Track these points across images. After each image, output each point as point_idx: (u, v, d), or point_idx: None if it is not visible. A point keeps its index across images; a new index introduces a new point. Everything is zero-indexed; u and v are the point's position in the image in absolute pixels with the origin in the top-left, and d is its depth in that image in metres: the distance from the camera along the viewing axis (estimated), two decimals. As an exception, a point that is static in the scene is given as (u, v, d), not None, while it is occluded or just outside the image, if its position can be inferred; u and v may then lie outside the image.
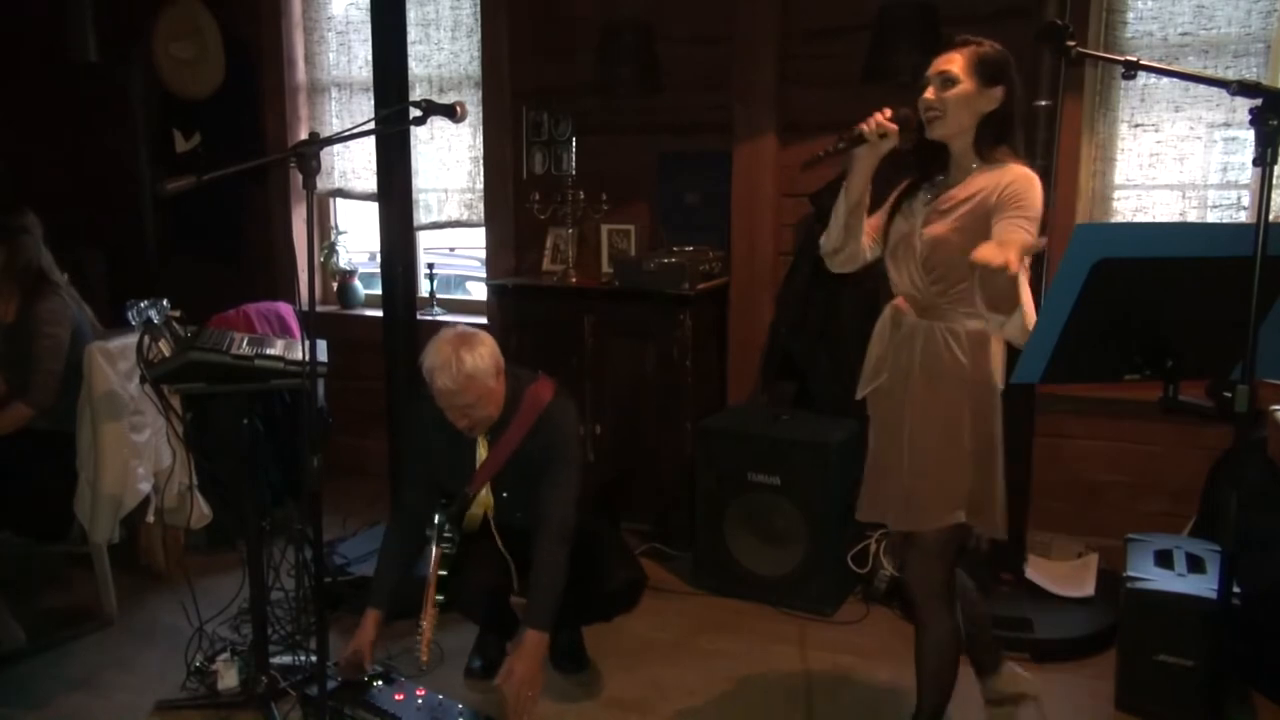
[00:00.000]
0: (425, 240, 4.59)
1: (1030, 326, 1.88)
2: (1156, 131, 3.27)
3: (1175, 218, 3.28)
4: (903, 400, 2.15)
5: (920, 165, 2.15)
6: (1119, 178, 3.34)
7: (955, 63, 2.04)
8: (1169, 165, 3.27)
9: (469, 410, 2.49)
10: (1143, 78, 3.21)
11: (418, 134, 4.17)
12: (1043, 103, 2.95)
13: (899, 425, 2.16)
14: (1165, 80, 3.19)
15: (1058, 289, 1.64)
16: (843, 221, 2.15)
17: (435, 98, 4.09)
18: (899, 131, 2.07)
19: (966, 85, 2.03)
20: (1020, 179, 2.00)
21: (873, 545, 3.31)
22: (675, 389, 3.60)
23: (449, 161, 4.36)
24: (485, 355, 2.48)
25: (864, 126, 2.04)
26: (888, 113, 2.05)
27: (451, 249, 4.96)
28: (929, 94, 2.06)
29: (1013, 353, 3.12)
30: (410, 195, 3.54)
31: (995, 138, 2.06)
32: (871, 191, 2.17)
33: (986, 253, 1.78)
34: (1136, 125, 3.29)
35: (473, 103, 4.19)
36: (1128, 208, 3.35)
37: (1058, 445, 3.46)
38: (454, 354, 2.45)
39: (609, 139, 3.98)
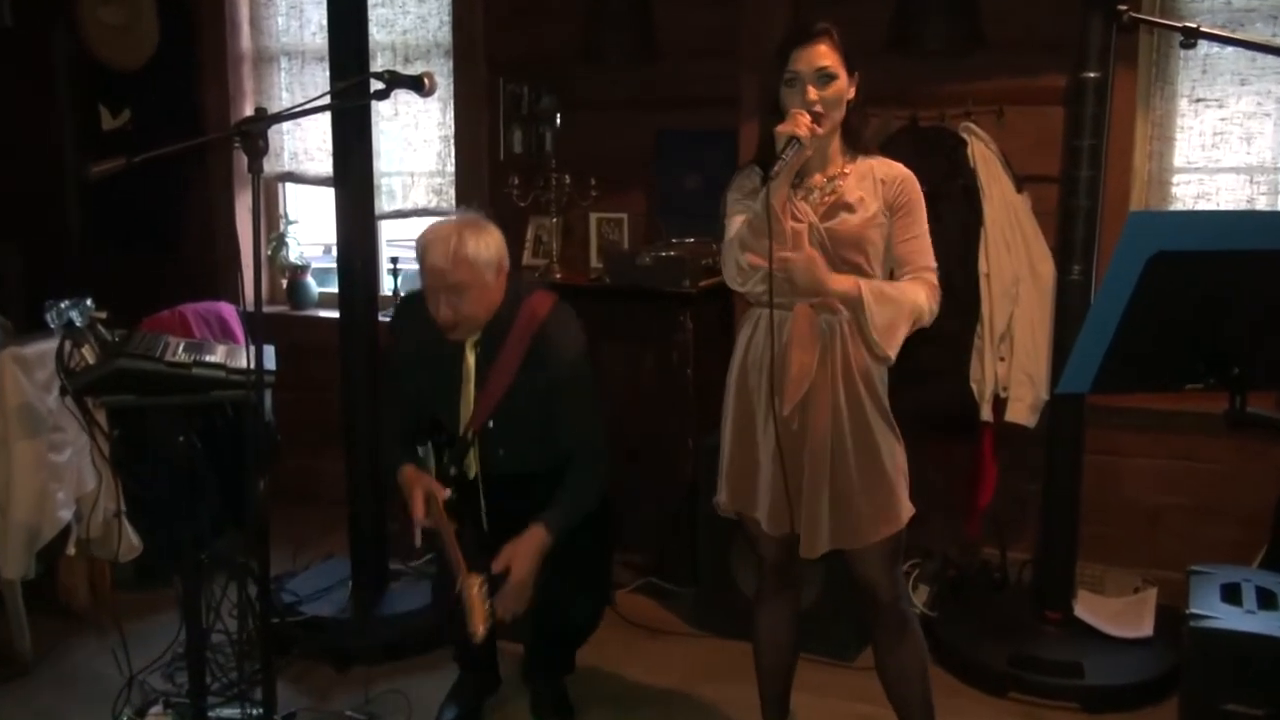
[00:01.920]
0: (388, 231, 4.58)
1: (877, 326, 2.16)
2: (1220, 107, 3.29)
3: (1242, 205, 3.30)
4: (823, 407, 2.24)
5: (765, 159, 2.24)
6: (1178, 159, 3.36)
7: (829, 56, 2.19)
8: (1234, 145, 3.29)
9: (455, 300, 2.49)
10: (1204, 46, 3.23)
11: (380, 110, 4.17)
12: (1091, 75, 2.97)
13: (820, 435, 2.25)
14: (1230, 50, 3.21)
15: (1109, 285, 1.65)
16: (763, 239, 2.21)
17: (400, 68, 4.09)
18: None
19: (842, 79, 2.21)
20: (911, 183, 2.26)
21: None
22: (675, 400, 3.60)
23: (415, 141, 4.36)
24: (491, 245, 2.50)
25: (799, 131, 2.14)
26: (808, 116, 2.16)
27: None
28: (810, 93, 2.18)
29: (1059, 360, 3.13)
30: (371, 180, 3.55)
31: (861, 126, 2.30)
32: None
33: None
34: (1198, 100, 3.31)
35: (443, 74, 4.19)
36: (1188, 194, 3.37)
37: (1110, 464, 3.47)
38: (456, 232, 2.48)
39: (599, 115, 3.99)
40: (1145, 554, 3.46)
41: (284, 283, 4.67)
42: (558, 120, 4.00)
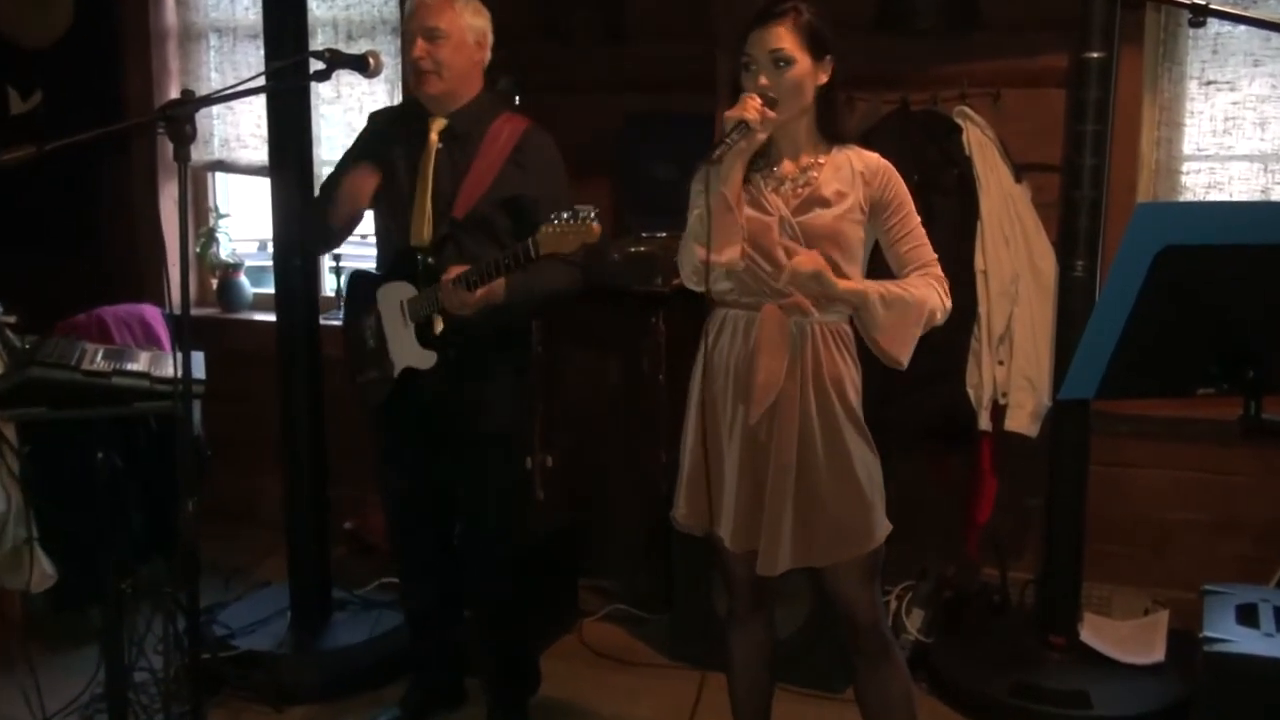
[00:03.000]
0: (330, 225, 4.58)
1: (884, 330, 2.21)
2: (1232, 90, 3.34)
3: (1257, 195, 3.35)
4: (792, 416, 2.27)
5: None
6: (1188, 146, 3.40)
7: (786, 39, 2.22)
8: (1248, 131, 3.34)
9: (433, 46, 2.63)
10: (1214, 25, 3.27)
11: (320, 92, 4.15)
12: (1094, 55, 3.00)
13: (787, 446, 2.27)
14: (1241, 28, 3.26)
15: (1115, 283, 1.67)
16: (718, 233, 2.24)
17: (342, 46, 4.07)
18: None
19: (802, 64, 2.23)
20: (893, 175, 2.29)
21: (893, 603, 3.33)
22: (646, 410, 3.60)
23: (360, 126, 4.32)
24: (480, 15, 2.71)
25: (748, 115, 2.17)
26: (759, 100, 2.19)
27: (364, 236, 4.93)
28: (762, 79, 2.22)
29: (1061, 364, 3.16)
30: (311, 169, 3.52)
31: (838, 113, 2.33)
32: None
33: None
34: (1208, 83, 3.36)
35: (389, 53, 4.17)
36: (1199, 183, 3.42)
37: (1117, 476, 3.51)
38: None
39: (561, 98, 3.99)
40: (1156, 573, 3.50)
41: (214, 283, 4.63)
42: (516, 103, 3.99)
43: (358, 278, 2.93)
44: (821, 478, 2.28)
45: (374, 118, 2.94)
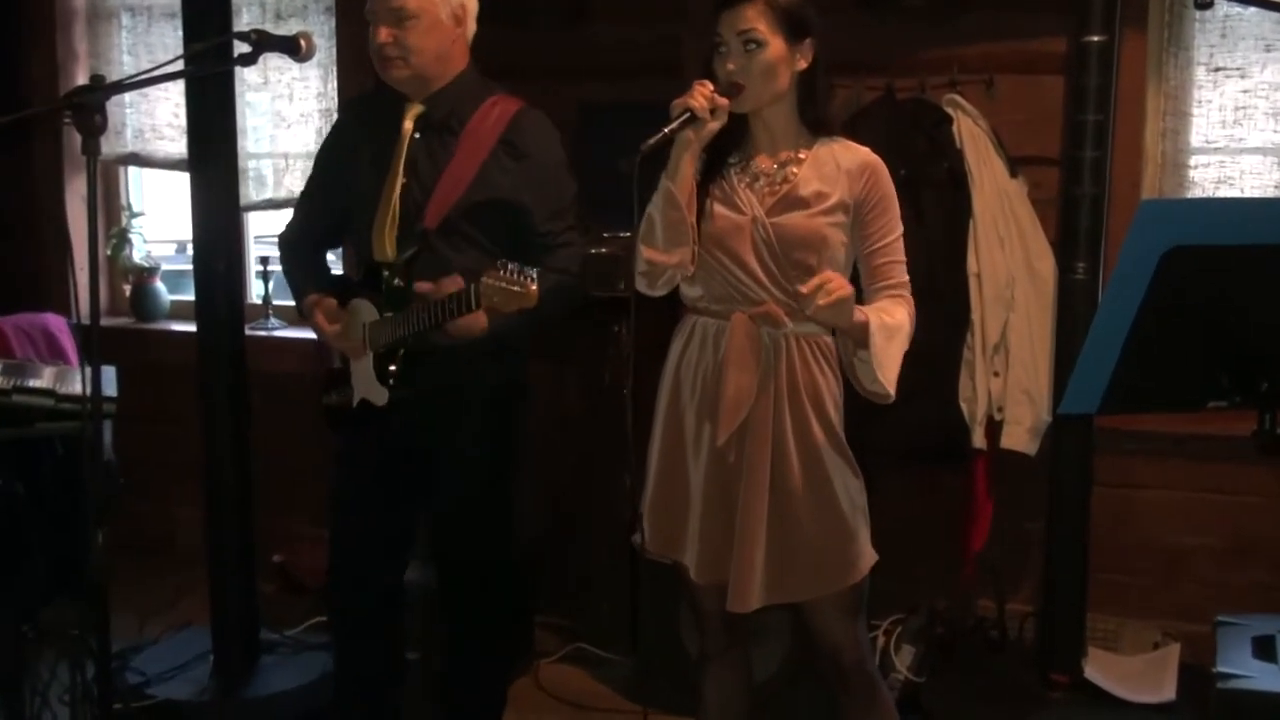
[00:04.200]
0: (256, 225, 4.55)
1: (883, 366, 2.19)
2: (1243, 78, 3.39)
3: (1270, 191, 3.40)
4: (764, 436, 2.27)
5: (714, 139, 2.29)
6: (1195, 138, 3.45)
7: (757, 19, 2.23)
8: (1260, 122, 3.39)
9: (401, 30, 2.51)
10: (1223, 6, 3.32)
11: (245, 78, 4.13)
12: (1094, 38, 3.04)
13: (759, 468, 2.28)
14: (1252, 10, 3.31)
15: (1118, 287, 1.69)
16: (665, 232, 2.26)
17: (270, 27, 4.04)
18: (728, 106, 2.23)
19: (775, 45, 2.23)
20: (881, 174, 2.29)
21: (881, 639, 3.35)
22: (609, 428, 3.60)
23: (290, 116, 4.32)
24: None
25: (692, 102, 2.18)
26: (710, 85, 2.21)
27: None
28: (730, 62, 2.24)
29: (1062, 375, 3.19)
30: (235, 163, 3.51)
31: (821, 101, 2.33)
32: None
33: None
34: (1217, 69, 3.41)
35: (322, 34, 4.17)
36: (1208, 178, 3.47)
37: (1123, 498, 3.54)
38: None
39: (512, 85, 3.97)
40: (1166, 604, 3.53)
41: (127, 289, 4.61)
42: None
43: (338, 284, 2.82)
44: (798, 504, 2.28)
45: (347, 108, 2.88)
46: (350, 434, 2.73)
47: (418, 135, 2.61)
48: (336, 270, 3.11)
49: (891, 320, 2.24)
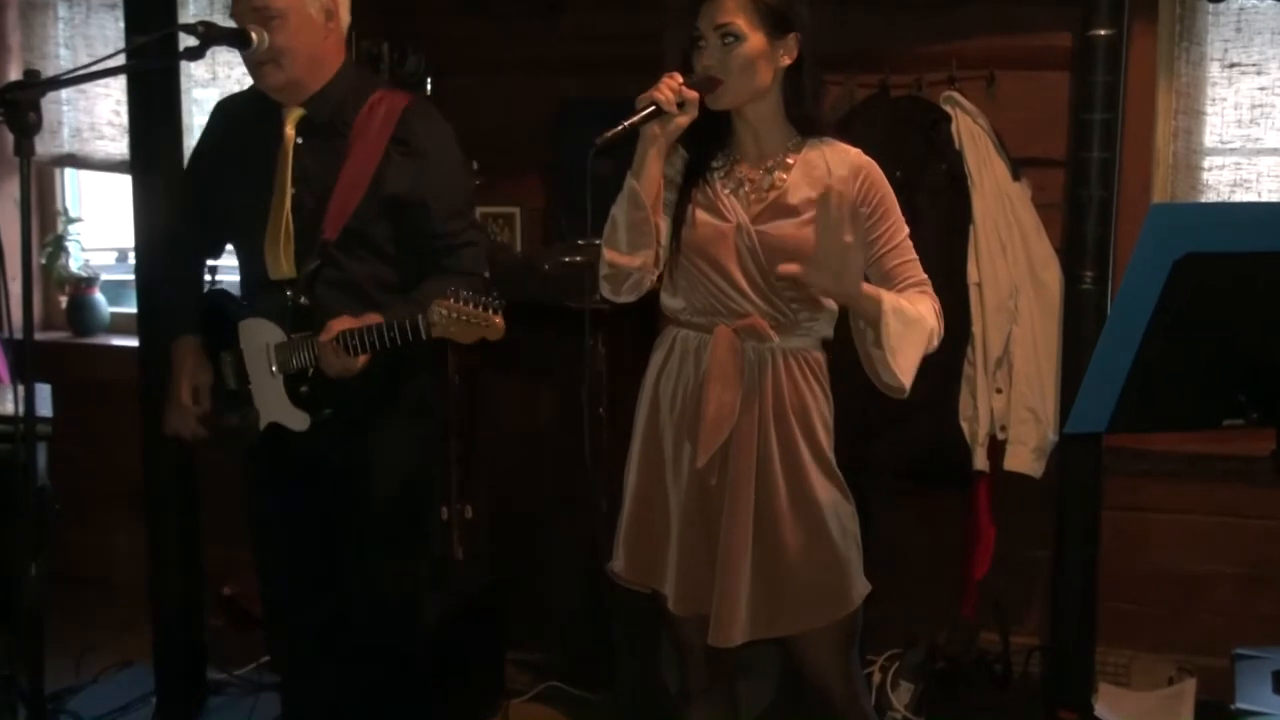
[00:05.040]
0: (204, 232, 4.54)
1: (895, 351, 2.19)
2: (1259, 74, 3.42)
3: (1289, 195, 3.44)
4: (748, 457, 2.28)
5: (696, 140, 2.33)
6: (1209, 139, 3.48)
7: (734, 12, 2.24)
8: (1278, 121, 3.42)
9: (262, 31, 2.45)
10: (1238, -1, 3.37)
11: (192, 73, 4.13)
12: (1102, 32, 3.06)
13: (742, 492, 2.28)
14: (1268, 3, 3.34)
15: (1127, 297, 1.70)
16: (628, 233, 2.27)
17: (219, 19, 4.04)
18: (699, 100, 2.24)
19: (755, 40, 2.24)
20: (876, 176, 2.30)
21: (877, 675, 3.35)
22: (584, 449, 3.59)
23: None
24: None
25: (657, 95, 2.19)
26: (678, 78, 2.22)
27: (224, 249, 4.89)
28: (707, 57, 2.25)
29: (1068, 392, 3.20)
30: (180, 165, 3.48)
31: (810, 99, 2.34)
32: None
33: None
34: (1231, 65, 3.44)
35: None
36: (1223, 180, 3.50)
37: (1135, 523, 3.56)
38: None
39: (483, 81, 3.99)
40: (1181, 635, 3.55)
41: (63, 301, 4.58)
42: (428, 87, 3.99)
43: (217, 300, 2.80)
44: (785, 530, 2.29)
45: (222, 108, 2.78)
46: (263, 460, 2.69)
47: (300, 141, 2.58)
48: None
49: (910, 308, 2.24)
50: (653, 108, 2.19)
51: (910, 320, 2.23)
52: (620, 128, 2.17)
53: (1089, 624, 3.28)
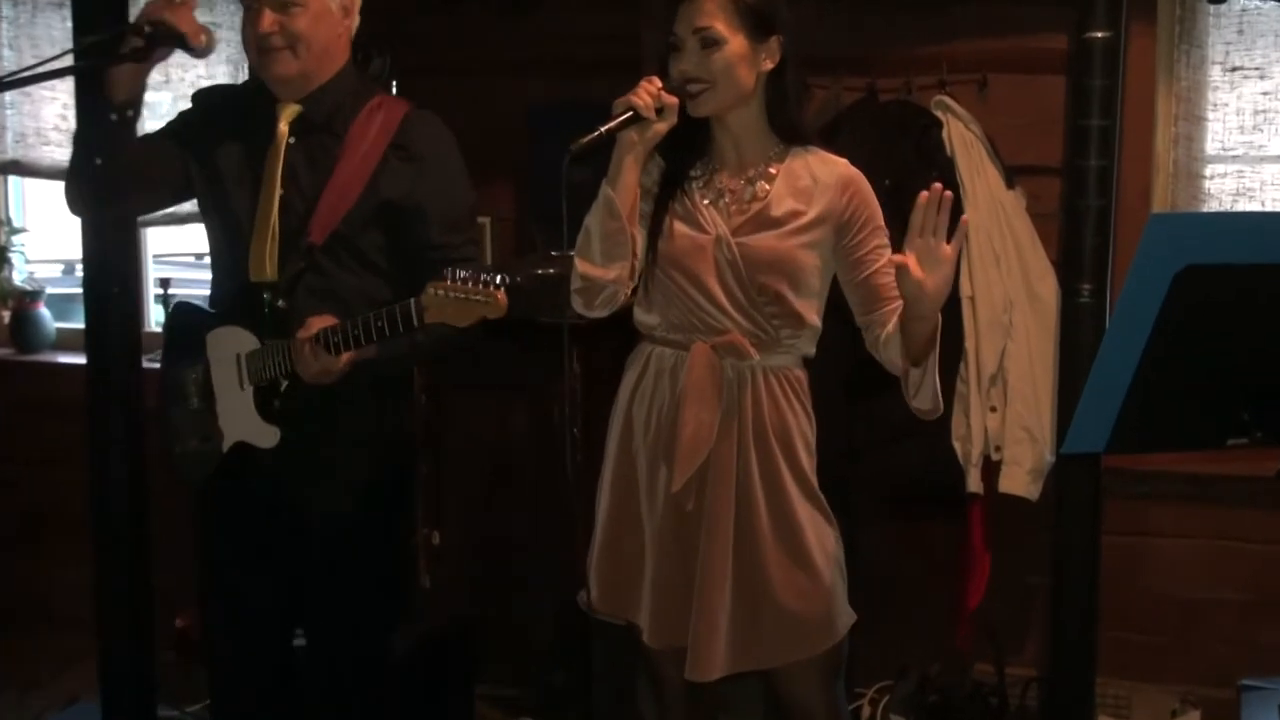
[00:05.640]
0: (155, 243, 4.52)
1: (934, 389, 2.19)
2: (1262, 78, 3.45)
3: (1294, 205, 3.46)
4: (726, 481, 2.28)
5: (674, 148, 2.34)
6: (1211, 145, 3.50)
7: (713, 15, 2.25)
8: (1283, 127, 3.46)
9: (286, 16, 2.46)
10: (1240, 0, 3.38)
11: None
12: (1098, 34, 3.08)
13: (721, 517, 2.28)
14: (1271, 4, 3.37)
15: (1126, 310, 1.70)
16: (602, 243, 2.29)
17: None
18: (679, 106, 2.24)
19: (735, 44, 2.25)
20: (864, 189, 2.32)
21: (866, 708, 3.35)
22: (558, 471, 3.58)
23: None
24: None
25: (635, 99, 2.20)
26: (657, 82, 2.22)
27: (199, 256, 4.87)
28: (684, 62, 2.26)
29: (1066, 410, 3.22)
30: (131, 172, 3.48)
31: (794, 105, 2.36)
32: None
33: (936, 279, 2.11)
34: (1234, 69, 3.47)
35: (230, 26, 4.15)
36: (1225, 189, 3.52)
37: (1136, 548, 3.56)
38: None
39: (450, 84, 3.99)
40: (1184, 665, 3.55)
41: (6, 316, 4.55)
42: (393, 90, 3.98)
43: (183, 312, 2.77)
44: (766, 558, 2.28)
45: (200, 98, 2.77)
46: (220, 485, 2.64)
47: (293, 140, 2.58)
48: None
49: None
50: (630, 113, 2.19)
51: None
52: (596, 133, 2.18)
53: (1088, 654, 3.28)
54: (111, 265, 3.33)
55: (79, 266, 3.61)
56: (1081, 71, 3.14)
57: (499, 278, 2.27)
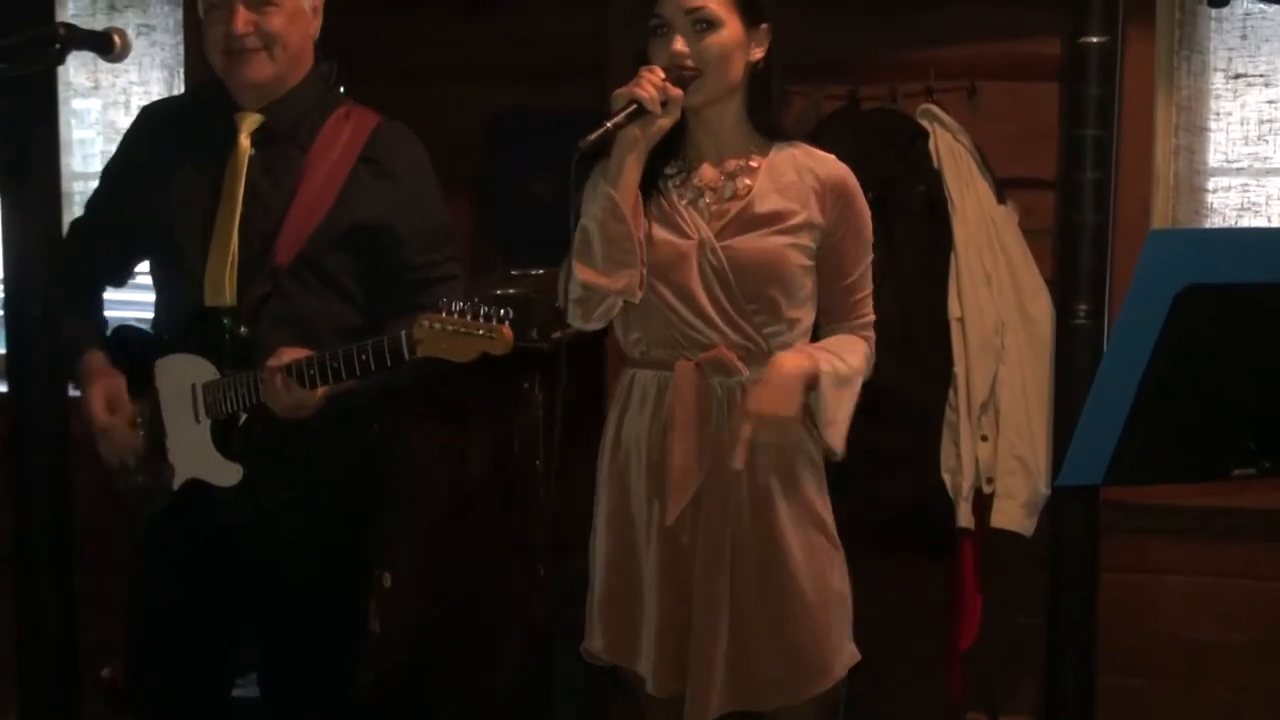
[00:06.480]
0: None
1: (833, 422, 2.24)
2: (1267, 86, 3.48)
3: (1302, 219, 3.49)
4: (718, 508, 2.28)
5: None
6: (1213, 157, 3.54)
7: None
8: (1289, 138, 3.49)
9: (261, 15, 2.44)
10: (1242, 3, 3.42)
11: (71, 82, 4.10)
12: (1094, 40, 3.10)
13: (714, 549, 2.28)
14: (1276, 8, 3.39)
15: (1124, 334, 1.71)
16: (605, 248, 2.25)
17: (105, 18, 4.01)
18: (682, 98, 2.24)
19: (731, 28, 2.25)
20: (853, 189, 2.34)
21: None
22: (519, 509, 3.58)
23: (126, 127, 4.27)
24: None
25: (639, 91, 2.18)
26: (660, 72, 2.21)
27: (133, 275, 4.84)
28: (678, 44, 2.24)
29: (1061, 439, 3.23)
30: (58, 184, 3.48)
31: (777, 102, 2.38)
32: None
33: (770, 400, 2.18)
34: (1237, 76, 3.50)
35: (167, 29, 4.14)
36: (1229, 203, 3.55)
37: (1138, 586, 3.58)
38: None
39: (404, 90, 3.97)
40: (1189, 712, 3.57)
41: (-80, 339, 4.51)
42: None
43: (124, 338, 2.72)
44: (755, 594, 2.28)
45: (151, 114, 2.75)
46: (163, 521, 2.61)
47: (255, 152, 2.54)
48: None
49: (845, 367, 2.26)
50: (634, 106, 2.17)
51: (844, 382, 2.26)
52: (603, 129, 2.16)
53: (1087, 701, 3.28)
54: (35, 285, 3.30)
55: (-1, 287, 3.59)
56: (1076, 78, 3.16)
57: (503, 310, 2.24)
